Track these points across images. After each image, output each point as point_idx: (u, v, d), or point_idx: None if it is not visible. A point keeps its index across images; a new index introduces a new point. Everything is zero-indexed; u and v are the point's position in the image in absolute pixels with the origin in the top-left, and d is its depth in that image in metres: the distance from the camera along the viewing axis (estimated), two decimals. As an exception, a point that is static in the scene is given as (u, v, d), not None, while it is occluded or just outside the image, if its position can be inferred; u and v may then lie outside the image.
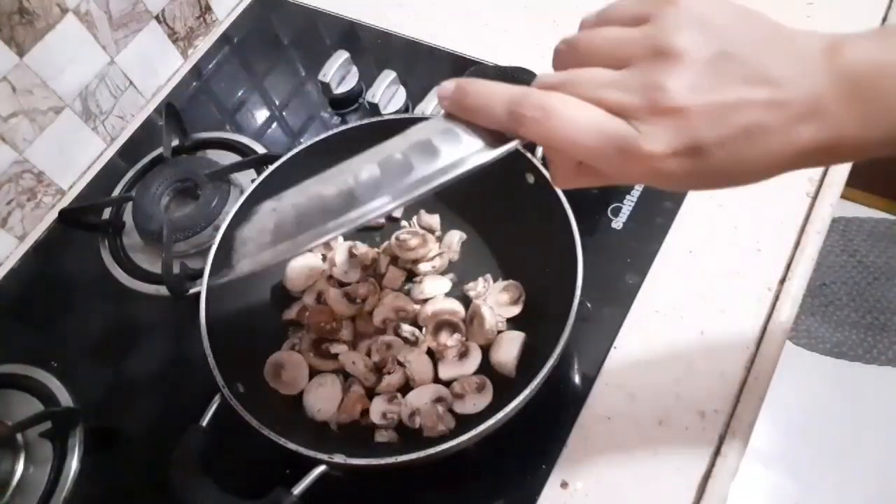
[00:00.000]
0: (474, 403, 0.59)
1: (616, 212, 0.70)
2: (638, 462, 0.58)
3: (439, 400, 0.59)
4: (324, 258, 0.70)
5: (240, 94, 0.93)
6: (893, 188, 1.64)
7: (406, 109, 0.82)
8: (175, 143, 0.85)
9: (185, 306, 0.67)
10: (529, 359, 0.60)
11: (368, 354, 0.64)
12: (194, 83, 0.96)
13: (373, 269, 0.68)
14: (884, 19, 0.78)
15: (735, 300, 0.64)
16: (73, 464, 0.67)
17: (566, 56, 0.36)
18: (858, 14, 0.79)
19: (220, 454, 0.53)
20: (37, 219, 0.87)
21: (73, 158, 0.89)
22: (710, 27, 0.32)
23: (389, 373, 0.62)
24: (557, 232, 0.57)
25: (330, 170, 0.40)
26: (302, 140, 0.86)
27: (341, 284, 0.67)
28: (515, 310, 0.65)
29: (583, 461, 0.58)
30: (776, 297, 0.63)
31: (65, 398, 0.71)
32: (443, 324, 0.63)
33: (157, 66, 0.95)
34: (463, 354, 0.62)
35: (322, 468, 0.50)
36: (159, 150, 0.86)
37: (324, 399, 0.62)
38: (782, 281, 0.64)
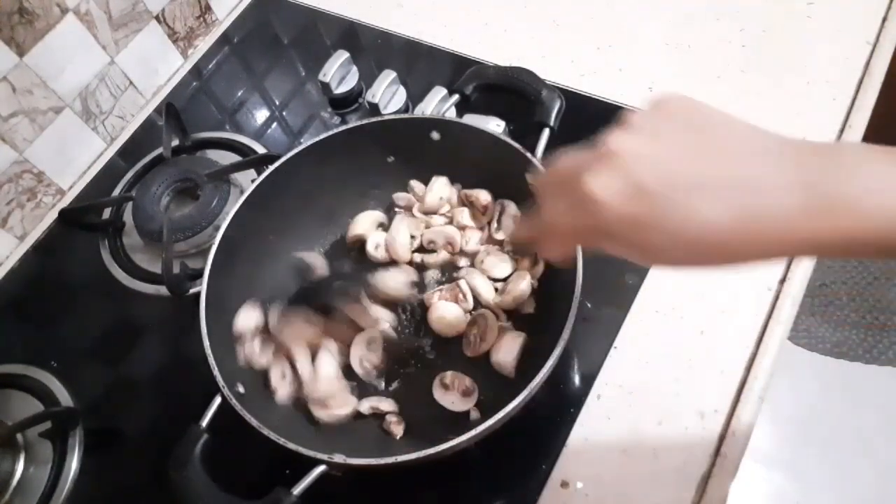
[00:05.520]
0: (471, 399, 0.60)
1: (616, 212, 0.70)
2: (638, 462, 0.58)
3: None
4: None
5: (240, 94, 0.94)
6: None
7: (406, 109, 0.82)
8: (175, 143, 0.85)
9: (185, 306, 0.67)
10: (529, 359, 0.60)
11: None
12: (194, 83, 0.96)
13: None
14: (884, 19, 0.77)
15: (735, 300, 0.64)
16: (73, 464, 0.67)
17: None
18: (858, 14, 0.79)
19: (220, 454, 0.53)
20: (37, 219, 0.87)
21: (73, 158, 0.89)
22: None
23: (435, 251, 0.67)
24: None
25: None
26: (302, 140, 0.86)
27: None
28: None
29: (583, 461, 0.58)
30: (776, 297, 0.63)
31: (65, 398, 0.71)
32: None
33: (157, 66, 0.95)
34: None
35: (322, 468, 0.50)
36: (159, 150, 0.86)
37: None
38: (782, 281, 0.64)
